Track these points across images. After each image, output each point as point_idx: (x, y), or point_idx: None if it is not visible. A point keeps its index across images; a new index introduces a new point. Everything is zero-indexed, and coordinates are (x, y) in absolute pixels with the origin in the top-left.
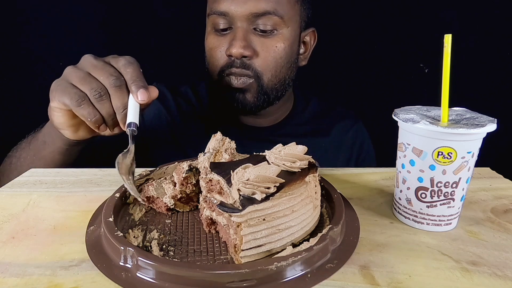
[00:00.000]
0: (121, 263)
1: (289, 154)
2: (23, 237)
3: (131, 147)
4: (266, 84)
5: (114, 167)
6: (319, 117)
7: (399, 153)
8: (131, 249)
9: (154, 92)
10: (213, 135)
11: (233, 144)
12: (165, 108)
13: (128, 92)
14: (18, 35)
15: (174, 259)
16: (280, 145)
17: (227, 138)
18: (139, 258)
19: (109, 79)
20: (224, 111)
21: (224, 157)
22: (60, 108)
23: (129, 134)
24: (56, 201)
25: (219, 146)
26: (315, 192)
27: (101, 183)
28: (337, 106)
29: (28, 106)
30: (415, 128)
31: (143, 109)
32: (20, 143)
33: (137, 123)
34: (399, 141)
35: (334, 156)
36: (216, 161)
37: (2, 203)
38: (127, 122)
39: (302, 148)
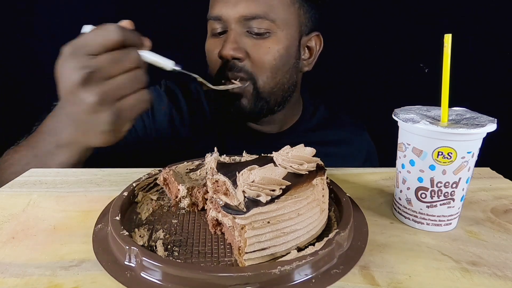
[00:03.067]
0: (126, 262)
1: (296, 156)
2: (23, 237)
3: (196, 76)
4: (262, 87)
5: (114, 167)
6: (326, 126)
7: (399, 153)
8: (135, 248)
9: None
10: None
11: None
12: (175, 106)
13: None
14: (18, 35)
15: (178, 260)
16: (288, 146)
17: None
18: (143, 258)
19: (127, 62)
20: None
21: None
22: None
23: (184, 71)
24: (56, 201)
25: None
26: (323, 196)
27: (101, 183)
28: (344, 114)
29: (28, 106)
30: (415, 128)
31: None
32: (12, 155)
33: (174, 62)
34: (399, 141)
35: (340, 166)
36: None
37: (2, 203)
38: (171, 68)
39: (311, 150)
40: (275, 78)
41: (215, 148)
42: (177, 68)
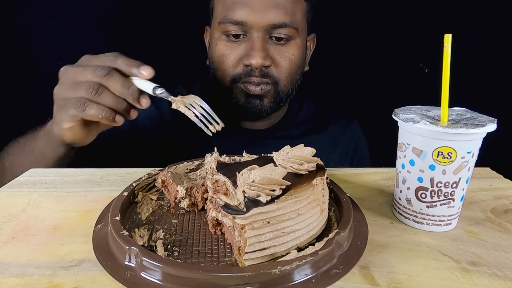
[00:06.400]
0: (126, 262)
1: (296, 156)
2: (23, 237)
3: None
4: (282, 89)
5: (114, 167)
6: (314, 118)
7: (399, 153)
8: (135, 248)
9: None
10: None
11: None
12: (159, 112)
13: (122, 76)
14: (17, 35)
15: (178, 260)
16: (288, 146)
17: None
18: (143, 258)
19: (96, 73)
20: (230, 115)
21: None
22: (71, 125)
23: (164, 96)
24: (56, 201)
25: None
26: (323, 196)
27: (101, 183)
28: (332, 107)
29: (28, 106)
30: (415, 128)
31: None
32: (13, 146)
33: (158, 85)
34: (399, 141)
35: (328, 155)
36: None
37: (2, 203)
38: (153, 90)
39: (311, 150)
40: (292, 81)
41: (215, 148)
42: (160, 93)
